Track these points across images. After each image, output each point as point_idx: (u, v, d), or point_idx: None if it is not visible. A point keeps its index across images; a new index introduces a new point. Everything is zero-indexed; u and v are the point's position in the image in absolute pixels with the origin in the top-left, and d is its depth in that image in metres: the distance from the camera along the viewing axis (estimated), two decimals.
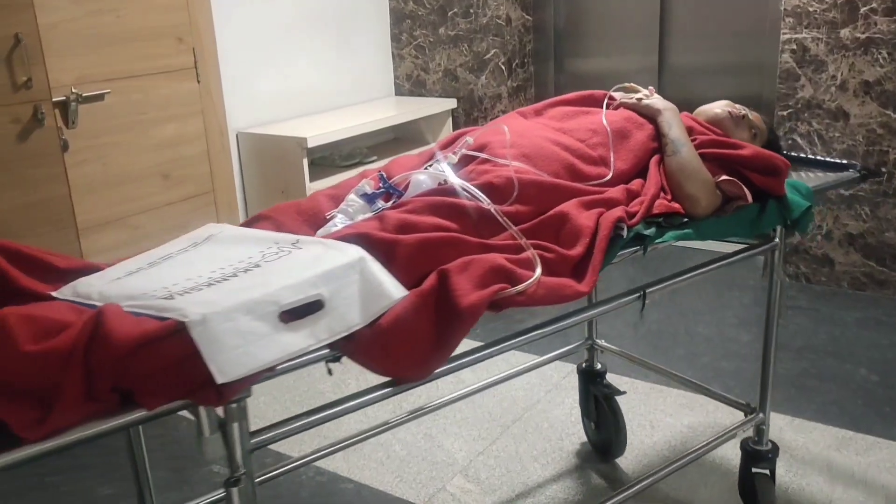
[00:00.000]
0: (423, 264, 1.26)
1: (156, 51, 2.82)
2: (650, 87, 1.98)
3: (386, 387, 1.21)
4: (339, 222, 1.42)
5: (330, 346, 1.11)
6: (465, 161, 1.61)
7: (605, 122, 1.74)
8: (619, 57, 3.82)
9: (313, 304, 1.09)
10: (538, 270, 1.30)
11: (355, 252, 1.17)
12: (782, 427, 2.30)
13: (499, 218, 1.40)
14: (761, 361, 1.91)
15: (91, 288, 1.16)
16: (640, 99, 1.87)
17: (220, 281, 1.13)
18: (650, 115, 1.80)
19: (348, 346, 1.13)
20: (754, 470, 1.93)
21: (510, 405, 2.51)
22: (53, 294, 1.16)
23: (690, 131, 1.78)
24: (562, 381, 2.64)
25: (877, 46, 2.92)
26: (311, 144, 3.11)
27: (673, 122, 1.77)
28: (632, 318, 3.02)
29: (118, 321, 0.99)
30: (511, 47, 3.79)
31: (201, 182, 3.07)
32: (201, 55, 2.98)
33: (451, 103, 3.90)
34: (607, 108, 1.86)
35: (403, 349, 1.16)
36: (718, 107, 1.91)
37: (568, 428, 2.37)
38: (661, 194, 1.63)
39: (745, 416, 1.93)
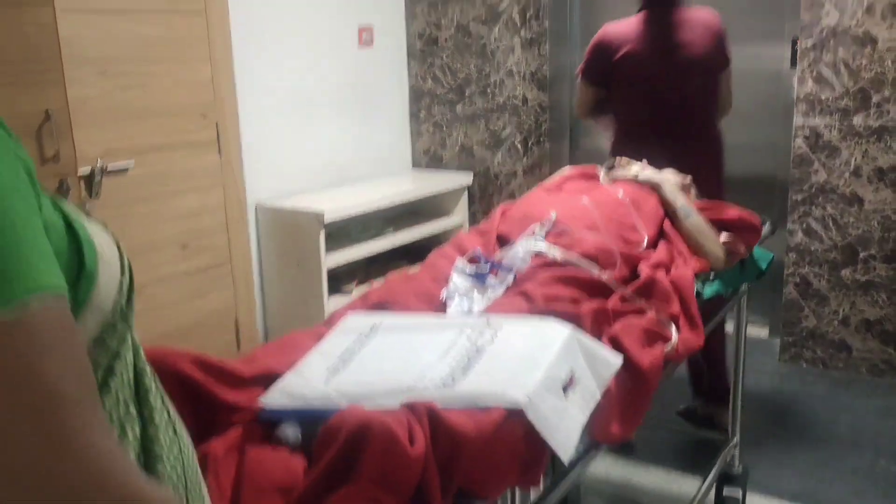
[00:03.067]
0: (597, 331, 1.41)
1: (180, 125, 2.89)
2: (643, 160, 2.16)
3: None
4: (459, 303, 1.53)
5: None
6: (517, 229, 1.78)
7: (621, 193, 1.91)
8: None
9: (570, 378, 1.20)
10: (674, 330, 1.49)
11: (564, 327, 1.28)
12: None
13: (610, 285, 1.57)
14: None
15: (313, 392, 1.15)
16: (636, 173, 2.07)
17: (467, 368, 1.18)
18: (650, 187, 1.99)
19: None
20: (726, 493, 2.27)
21: None
22: (262, 402, 1.15)
23: None
24: None
25: (890, 134, 2.94)
26: (328, 219, 3.15)
27: (675, 191, 1.98)
28: None
29: (447, 418, 1.03)
30: (527, 126, 3.85)
31: (218, 253, 3.10)
32: (224, 129, 3.05)
33: (468, 178, 3.95)
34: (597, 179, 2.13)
35: (629, 413, 1.30)
36: (675, 178, 2.11)
37: None
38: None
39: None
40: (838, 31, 2.97)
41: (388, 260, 3.73)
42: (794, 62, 3.17)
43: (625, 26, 2.59)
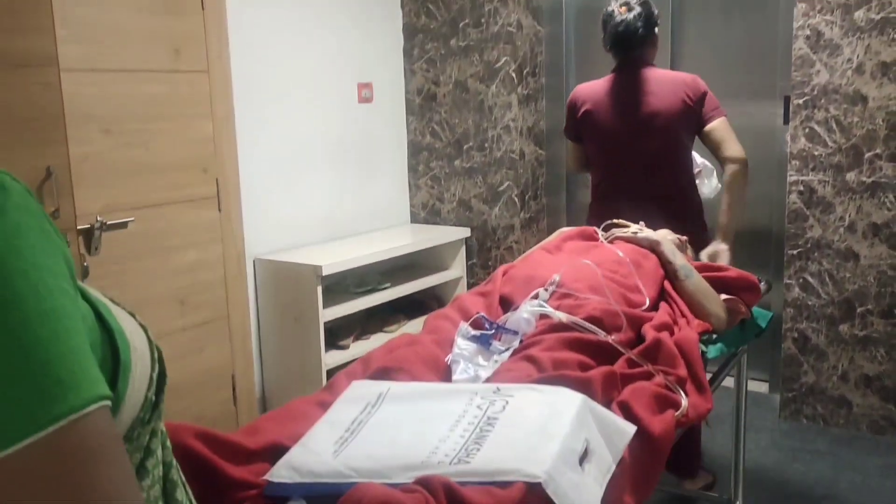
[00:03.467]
0: (607, 397, 1.40)
1: (181, 181, 2.92)
2: (640, 222, 2.18)
3: None
4: (465, 368, 1.50)
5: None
6: (522, 292, 1.76)
7: (621, 254, 1.92)
8: None
9: (585, 449, 1.18)
10: (683, 395, 1.47)
11: (575, 395, 1.27)
12: None
13: (618, 347, 1.56)
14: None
15: (322, 467, 1.12)
16: (634, 232, 2.09)
17: (480, 439, 1.17)
18: (649, 246, 2.01)
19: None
20: None
21: None
22: (269, 478, 1.13)
23: None
24: None
25: (883, 190, 2.97)
26: (325, 272, 3.16)
27: (674, 250, 2.00)
28: None
29: (466, 495, 1.03)
30: (524, 180, 3.89)
31: (217, 307, 3.10)
32: (224, 184, 3.08)
33: (465, 232, 3.97)
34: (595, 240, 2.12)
35: (640, 482, 1.28)
36: (671, 237, 2.14)
37: None
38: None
39: None
40: (829, 90, 3.02)
41: (387, 314, 3.72)
42: (786, 119, 3.22)
43: (592, 86, 2.67)
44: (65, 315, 0.48)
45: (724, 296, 1.93)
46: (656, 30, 2.60)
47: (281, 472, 1.13)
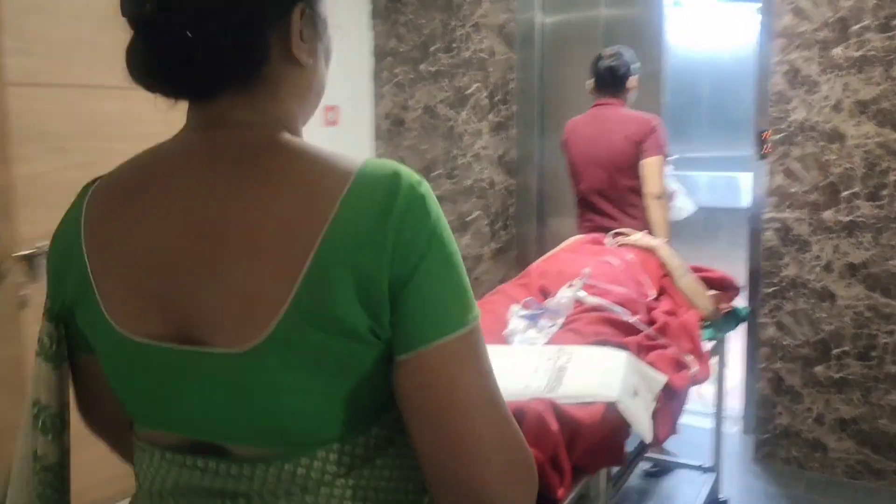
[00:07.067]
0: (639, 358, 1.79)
1: None
2: (643, 231, 2.69)
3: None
4: (522, 339, 1.88)
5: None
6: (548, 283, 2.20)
7: (630, 256, 2.38)
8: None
9: (634, 388, 1.59)
10: (692, 361, 1.92)
11: (621, 351, 1.71)
12: None
13: (638, 326, 1.95)
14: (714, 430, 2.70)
15: None
16: (637, 239, 2.54)
17: (559, 379, 1.54)
18: (649, 249, 2.45)
19: None
20: None
21: None
22: None
23: None
24: None
25: (860, 230, 2.93)
26: None
27: (670, 253, 2.45)
28: None
29: (568, 408, 1.45)
30: (494, 209, 3.79)
31: None
32: None
33: None
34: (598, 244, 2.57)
35: (667, 421, 1.71)
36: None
37: None
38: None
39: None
40: (806, 127, 2.98)
41: None
42: (761, 154, 3.17)
43: (576, 119, 3.14)
44: (459, 255, 0.75)
45: (711, 291, 2.38)
46: (630, 78, 3.04)
47: None
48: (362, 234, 0.69)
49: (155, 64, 0.76)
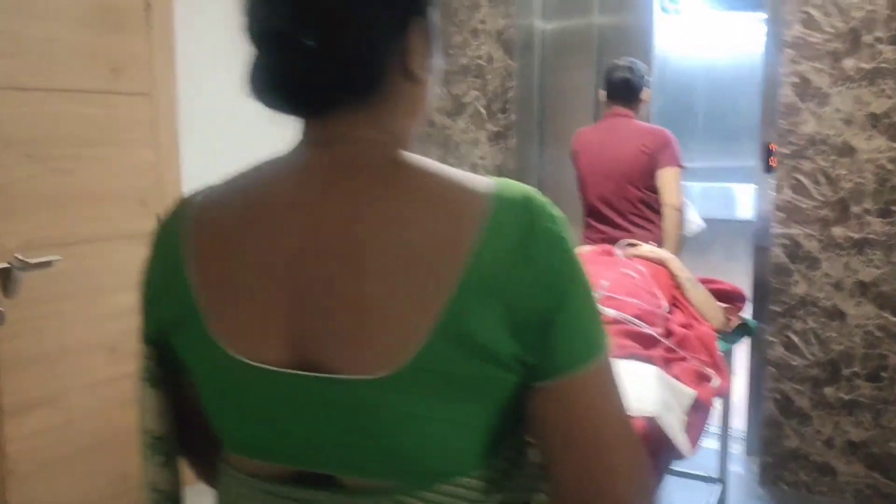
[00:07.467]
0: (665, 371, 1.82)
1: (115, 214, 2.60)
2: (651, 242, 2.69)
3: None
4: None
5: None
6: None
7: (642, 268, 2.37)
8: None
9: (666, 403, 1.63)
10: (713, 374, 1.93)
11: (649, 366, 1.72)
12: None
13: (659, 338, 1.98)
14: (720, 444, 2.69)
15: None
16: (646, 251, 2.55)
17: None
18: (660, 262, 2.46)
19: None
20: None
21: None
22: None
23: None
24: None
25: (871, 247, 2.83)
26: None
27: (680, 266, 2.46)
28: None
29: None
30: None
31: None
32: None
33: None
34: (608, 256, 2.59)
35: (694, 434, 1.70)
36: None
37: None
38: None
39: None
40: (816, 140, 2.89)
41: None
42: (767, 167, 3.08)
43: (585, 130, 3.18)
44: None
45: (723, 305, 2.42)
46: (644, 90, 3.07)
47: None
48: (510, 259, 0.67)
49: (281, 78, 0.73)
